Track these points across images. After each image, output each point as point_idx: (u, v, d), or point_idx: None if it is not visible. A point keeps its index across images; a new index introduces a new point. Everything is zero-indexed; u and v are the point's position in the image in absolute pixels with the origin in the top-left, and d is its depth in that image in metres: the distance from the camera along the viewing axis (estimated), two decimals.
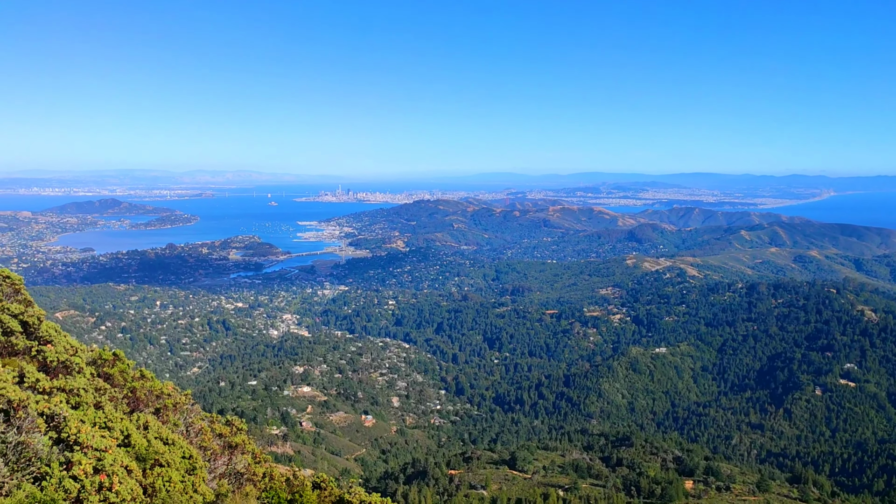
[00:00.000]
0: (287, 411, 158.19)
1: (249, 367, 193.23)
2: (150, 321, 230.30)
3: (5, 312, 14.82)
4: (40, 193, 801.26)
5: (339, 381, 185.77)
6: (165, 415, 17.79)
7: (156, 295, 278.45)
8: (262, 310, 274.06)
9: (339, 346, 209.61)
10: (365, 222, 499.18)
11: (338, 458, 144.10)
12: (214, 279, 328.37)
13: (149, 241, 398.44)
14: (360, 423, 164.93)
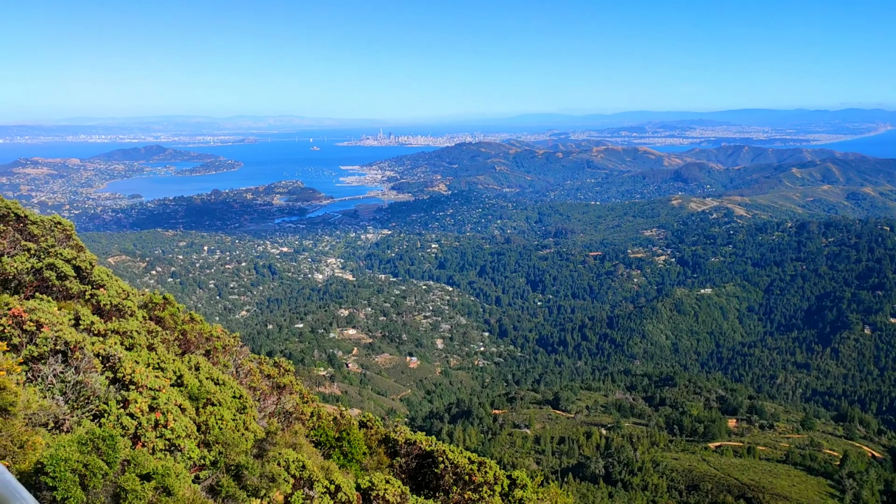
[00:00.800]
0: (333, 353, 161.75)
1: (296, 310, 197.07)
2: (199, 266, 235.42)
3: (59, 258, 15.23)
4: (87, 140, 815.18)
5: (384, 323, 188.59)
6: (215, 356, 18.28)
7: (203, 240, 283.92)
8: (306, 254, 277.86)
9: (383, 290, 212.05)
10: (407, 166, 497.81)
11: (383, 398, 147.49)
12: (259, 224, 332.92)
13: (194, 188, 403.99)
14: (404, 365, 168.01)
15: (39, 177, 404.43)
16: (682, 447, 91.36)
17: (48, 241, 15.83)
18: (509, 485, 16.51)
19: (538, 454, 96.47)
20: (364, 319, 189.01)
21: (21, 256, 14.59)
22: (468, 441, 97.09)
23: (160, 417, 10.57)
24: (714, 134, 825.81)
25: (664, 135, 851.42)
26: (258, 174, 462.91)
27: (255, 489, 11.52)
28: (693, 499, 71.08)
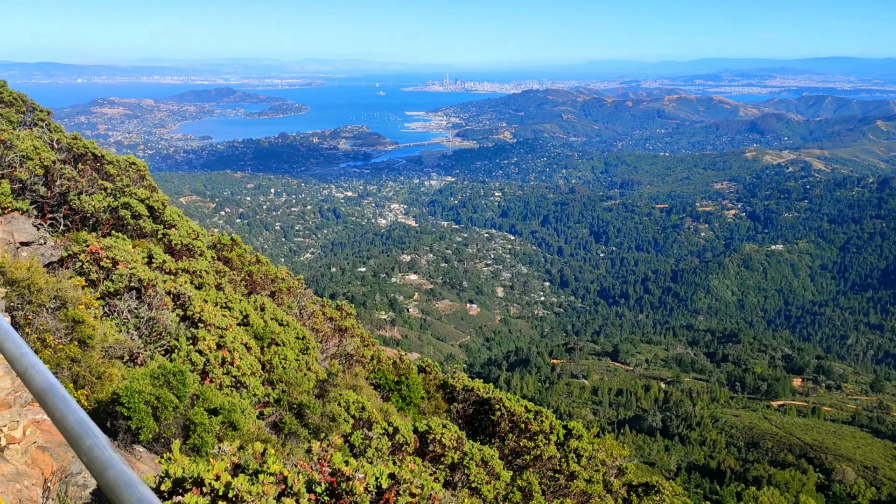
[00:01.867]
0: (395, 298, 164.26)
1: (359, 254, 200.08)
2: (266, 208, 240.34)
3: (133, 197, 15.72)
4: (161, 81, 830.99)
5: (445, 270, 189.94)
6: (280, 298, 18.75)
7: (270, 183, 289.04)
8: (370, 199, 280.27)
9: (445, 237, 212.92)
10: (472, 112, 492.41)
11: (443, 343, 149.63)
12: (325, 168, 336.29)
13: (262, 130, 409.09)
14: (464, 312, 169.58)
15: (116, 116, 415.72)
16: (743, 404, 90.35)
17: (123, 180, 16.33)
18: (565, 434, 16.66)
19: (595, 405, 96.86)
20: (425, 265, 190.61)
21: (98, 195, 15.11)
22: (525, 389, 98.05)
23: (227, 355, 10.96)
24: (795, 83, 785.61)
25: (741, 83, 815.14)
26: (325, 118, 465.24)
27: (316, 428, 11.91)
28: (752, 456, 70.44)
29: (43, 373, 2.19)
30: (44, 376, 2.16)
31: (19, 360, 2.33)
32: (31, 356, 2.34)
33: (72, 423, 1.74)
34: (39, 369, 2.23)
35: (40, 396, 2.11)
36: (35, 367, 2.25)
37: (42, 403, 1.89)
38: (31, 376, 2.22)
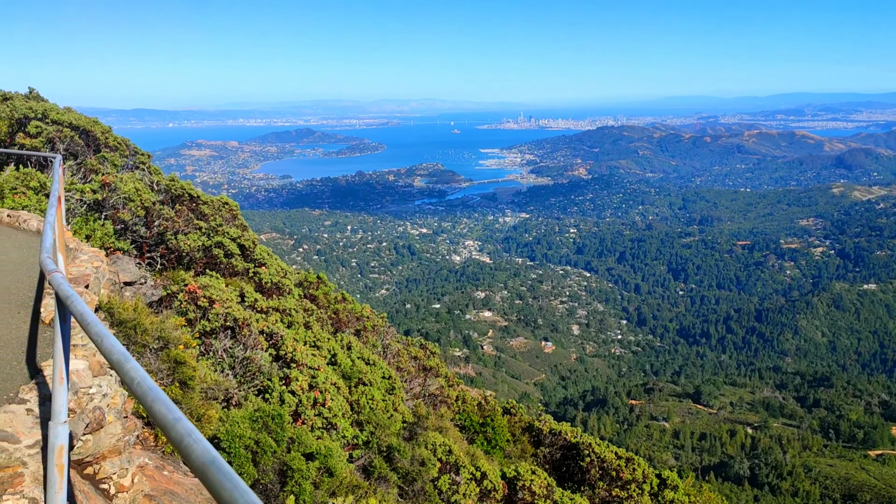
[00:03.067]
0: (469, 334, 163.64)
1: (433, 290, 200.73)
2: (342, 245, 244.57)
3: (226, 236, 16.06)
4: (245, 124, 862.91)
5: (520, 307, 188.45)
6: (365, 336, 18.74)
7: (346, 220, 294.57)
8: (444, 236, 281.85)
9: (520, 273, 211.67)
10: (546, 149, 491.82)
11: (517, 381, 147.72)
12: (400, 205, 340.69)
13: (339, 169, 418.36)
14: (539, 349, 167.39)
15: (202, 158, 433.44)
16: (837, 453, 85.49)
17: (216, 220, 16.72)
18: (659, 484, 15.89)
19: (677, 449, 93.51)
20: (500, 302, 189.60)
21: (193, 235, 15.50)
22: (603, 430, 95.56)
23: (319, 396, 10.89)
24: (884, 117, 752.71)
25: (825, 118, 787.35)
26: (400, 156, 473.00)
27: (405, 473, 11.68)
28: None
29: (202, 442, 2.11)
30: (203, 447, 2.09)
31: (173, 426, 2.23)
32: (185, 422, 2.26)
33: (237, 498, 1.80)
34: (197, 438, 2.13)
35: (201, 471, 2.02)
36: (192, 435, 2.16)
37: (202, 478, 1.94)
38: (189, 446, 2.11)
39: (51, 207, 7.22)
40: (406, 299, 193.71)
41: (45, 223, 6.02)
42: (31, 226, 12.23)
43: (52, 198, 8.00)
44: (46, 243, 5.79)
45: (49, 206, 7.42)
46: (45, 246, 5.73)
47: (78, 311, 3.59)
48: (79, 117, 16.62)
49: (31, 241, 11.38)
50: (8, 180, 14.80)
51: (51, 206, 7.30)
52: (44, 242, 5.93)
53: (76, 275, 8.66)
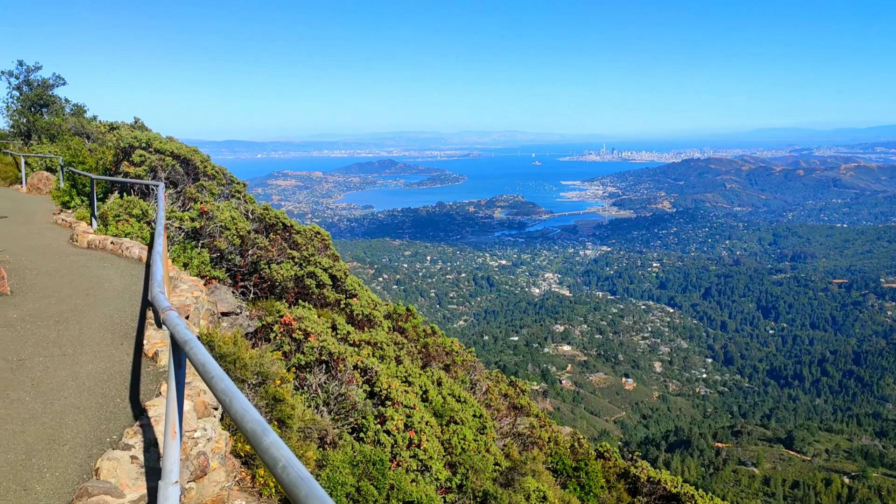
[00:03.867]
0: (547, 368, 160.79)
1: (511, 322, 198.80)
2: (421, 275, 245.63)
3: (318, 266, 15.92)
4: (329, 155, 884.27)
5: (600, 341, 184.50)
6: (454, 371, 18.23)
7: (426, 250, 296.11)
8: (524, 268, 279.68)
9: (600, 307, 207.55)
10: (629, 182, 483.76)
11: (596, 418, 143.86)
12: (480, 237, 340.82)
13: (420, 200, 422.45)
14: (619, 386, 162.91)
15: (288, 188, 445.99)
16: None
17: (309, 249, 16.62)
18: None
19: (767, 497, 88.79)
20: (579, 336, 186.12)
21: (286, 264, 15.41)
22: (687, 473, 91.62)
23: (414, 437, 10.41)
24: None
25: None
26: (480, 188, 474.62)
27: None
28: None
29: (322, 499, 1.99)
30: None
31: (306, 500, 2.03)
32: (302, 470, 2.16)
33: None
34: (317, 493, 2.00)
35: None
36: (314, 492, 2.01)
37: None
38: None
39: (158, 237, 6.94)
40: (484, 331, 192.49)
41: (153, 254, 5.71)
42: (133, 253, 12.32)
43: (158, 227, 7.72)
44: (157, 276, 5.40)
45: (156, 234, 7.13)
46: (157, 279, 5.30)
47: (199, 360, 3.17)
48: (179, 146, 16.91)
49: (133, 268, 11.41)
50: (112, 208, 15.08)
51: (158, 236, 7.02)
52: (154, 275, 5.49)
53: (177, 305, 8.48)
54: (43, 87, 33.67)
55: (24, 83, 33.58)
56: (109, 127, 19.34)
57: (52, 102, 33.99)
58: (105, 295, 9.52)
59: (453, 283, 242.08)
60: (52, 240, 14.19)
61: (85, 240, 13.50)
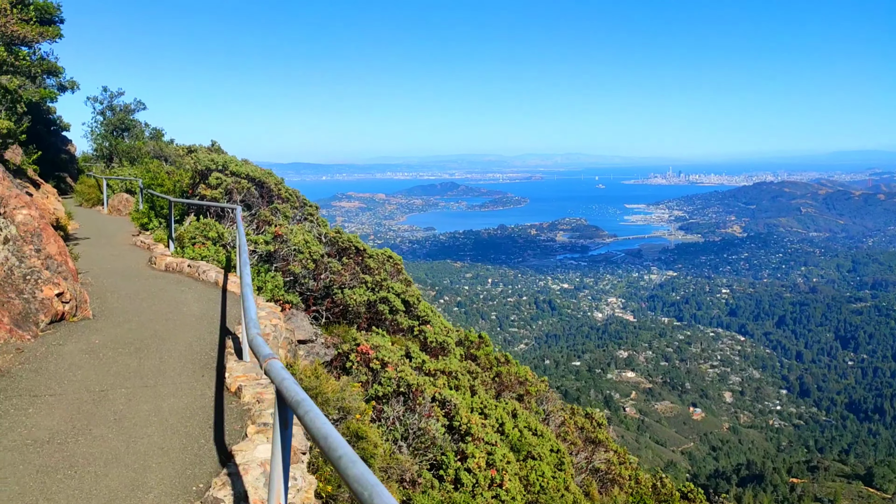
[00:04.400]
0: (610, 395, 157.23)
1: (573, 347, 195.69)
2: (482, 297, 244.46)
3: (391, 292, 15.61)
4: (392, 177, 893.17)
5: (665, 369, 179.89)
6: (528, 402, 17.62)
7: (487, 273, 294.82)
8: (586, 292, 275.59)
9: (666, 334, 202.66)
10: (697, 206, 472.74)
11: (662, 448, 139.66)
12: (541, 260, 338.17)
13: (482, 222, 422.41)
14: (687, 415, 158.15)
15: (352, 209, 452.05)
16: None
17: (381, 274, 16.34)
18: None
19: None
20: (644, 363, 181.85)
21: (359, 289, 15.14)
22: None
23: (496, 476, 9.87)
24: None
25: None
26: (543, 210, 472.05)
27: None
28: None
29: None
30: None
31: None
32: None
33: None
34: None
35: None
36: None
37: None
38: None
39: (244, 266, 6.48)
40: (545, 355, 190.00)
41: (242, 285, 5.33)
42: (209, 277, 12.20)
43: (242, 255, 7.23)
44: (252, 313, 4.79)
45: (241, 264, 6.69)
46: (252, 317, 4.71)
47: (320, 431, 2.55)
48: (255, 169, 16.93)
49: (210, 292, 11.26)
50: (189, 230, 15.11)
51: (244, 265, 6.54)
52: (248, 313, 4.86)
53: (243, 338, 8.23)
54: (125, 111, 34.75)
55: (108, 108, 34.72)
56: (187, 150, 19.59)
57: (133, 126, 35.03)
58: (184, 320, 9.35)
59: (514, 306, 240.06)
60: (131, 262, 14.27)
61: (163, 262, 13.51)
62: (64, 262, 9.25)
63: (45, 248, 9.08)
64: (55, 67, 26.49)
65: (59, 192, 27.55)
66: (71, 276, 9.27)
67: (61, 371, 6.95)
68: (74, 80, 31.43)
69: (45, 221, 9.23)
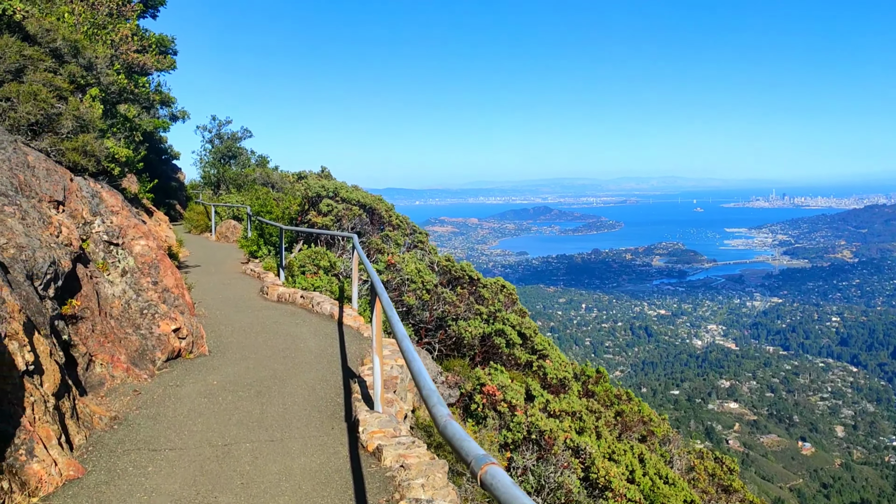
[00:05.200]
0: (711, 426, 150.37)
1: (671, 375, 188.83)
2: (576, 323, 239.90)
3: (506, 324, 14.70)
4: (484, 202, 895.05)
5: (771, 400, 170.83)
6: (651, 443, 16.29)
7: (581, 298, 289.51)
8: (684, 318, 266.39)
9: (771, 363, 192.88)
10: (803, 229, 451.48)
11: (768, 484, 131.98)
12: (637, 285, 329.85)
13: (575, 246, 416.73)
14: (795, 450, 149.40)
15: (444, 234, 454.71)
16: None
17: (495, 304, 15.48)
18: None
19: None
20: (747, 393, 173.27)
21: (474, 321, 14.31)
22: None
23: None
24: None
25: None
26: (638, 235, 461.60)
27: None
28: None
29: None
30: None
31: None
32: None
33: None
34: None
35: None
36: None
37: None
38: None
39: (389, 310, 5.30)
40: (642, 382, 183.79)
41: (398, 340, 4.41)
42: (324, 309, 11.64)
43: (383, 298, 5.71)
44: (427, 383, 3.47)
45: (386, 307, 5.36)
46: (429, 386, 3.37)
47: None
48: (365, 195, 16.46)
49: (326, 326, 10.67)
50: (299, 259, 14.70)
51: (389, 309, 5.08)
52: (423, 382, 3.50)
53: (385, 378, 7.45)
54: (232, 139, 35.50)
55: (216, 136, 35.56)
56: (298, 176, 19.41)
57: (240, 154, 35.73)
58: (302, 358, 8.74)
59: (609, 332, 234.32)
60: (242, 291, 13.94)
61: (275, 293, 13.07)
62: (181, 294, 8.81)
63: (162, 281, 8.66)
64: (169, 98, 27.18)
65: (170, 219, 28.14)
66: (188, 309, 8.81)
67: (180, 418, 6.38)
68: (185, 111, 32.36)
69: (161, 252, 8.82)
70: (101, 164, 9.22)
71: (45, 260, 6.60)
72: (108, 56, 11.09)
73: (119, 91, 11.91)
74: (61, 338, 6.64)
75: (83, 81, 9.73)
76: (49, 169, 7.95)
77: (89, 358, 7.14)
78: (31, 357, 5.12)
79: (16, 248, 6.40)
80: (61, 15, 10.92)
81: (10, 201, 6.92)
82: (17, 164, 7.56)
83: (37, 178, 7.69)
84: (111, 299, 7.98)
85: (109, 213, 8.58)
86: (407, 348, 3.95)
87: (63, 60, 9.43)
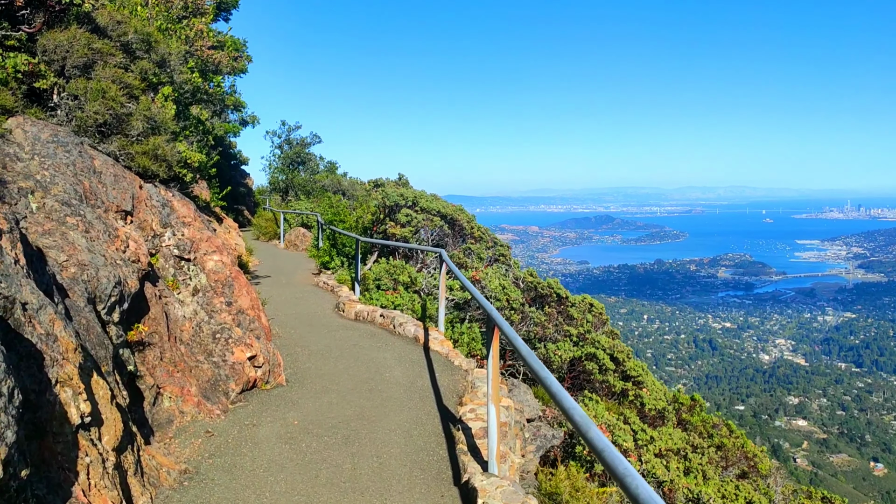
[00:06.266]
0: (778, 444, 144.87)
1: (736, 390, 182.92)
2: (637, 334, 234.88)
3: (598, 347, 13.45)
4: (546, 210, 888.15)
5: (842, 418, 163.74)
6: (753, 480, 14.75)
7: (643, 309, 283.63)
8: (751, 332, 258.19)
9: (843, 380, 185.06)
10: (879, 242, 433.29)
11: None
12: (701, 297, 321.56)
13: (637, 256, 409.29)
14: (867, 471, 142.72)
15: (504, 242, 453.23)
16: None
17: (584, 325, 14.24)
18: None
19: None
20: (817, 411, 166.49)
21: (564, 344, 13.11)
22: None
23: None
24: None
25: None
26: (703, 245, 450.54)
27: None
28: None
29: None
30: None
31: None
32: None
33: None
34: None
35: None
36: None
37: None
38: None
39: (525, 350, 4.02)
40: (706, 397, 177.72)
41: (555, 394, 3.24)
42: (407, 331, 10.60)
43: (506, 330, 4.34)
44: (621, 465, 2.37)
45: (515, 344, 4.15)
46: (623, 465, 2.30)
47: None
48: (445, 205, 15.45)
49: (411, 351, 9.63)
50: (374, 272, 13.75)
51: (524, 350, 4.01)
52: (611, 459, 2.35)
53: (476, 430, 6.34)
54: (301, 145, 35.07)
55: (286, 142, 35.20)
56: (374, 184, 18.55)
57: (309, 160, 35.27)
58: (389, 392, 7.71)
59: (672, 345, 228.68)
60: (316, 306, 13.04)
61: (352, 310, 12.12)
62: (256, 317, 7.88)
63: (237, 301, 7.75)
64: (240, 102, 26.75)
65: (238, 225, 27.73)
66: (264, 334, 7.87)
67: (259, 472, 5.39)
68: (255, 115, 31.99)
69: (236, 270, 7.91)
70: (173, 170, 8.41)
71: (109, 280, 5.72)
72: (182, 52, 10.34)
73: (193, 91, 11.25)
74: (125, 369, 5.76)
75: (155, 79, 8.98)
76: (117, 175, 7.13)
77: (157, 391, 6.25)
78: (87, 407, 4.19)
79: (77, 267, 5.54)
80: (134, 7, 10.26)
81: (74, 211, 6.09)
82: (83, 168, 6.75)
83: (103, 185, 6.86)
84: (181, 322, 7.11)
85: (181, 225, 7.73)
86: (565, 400, 3.09)
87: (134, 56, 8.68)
